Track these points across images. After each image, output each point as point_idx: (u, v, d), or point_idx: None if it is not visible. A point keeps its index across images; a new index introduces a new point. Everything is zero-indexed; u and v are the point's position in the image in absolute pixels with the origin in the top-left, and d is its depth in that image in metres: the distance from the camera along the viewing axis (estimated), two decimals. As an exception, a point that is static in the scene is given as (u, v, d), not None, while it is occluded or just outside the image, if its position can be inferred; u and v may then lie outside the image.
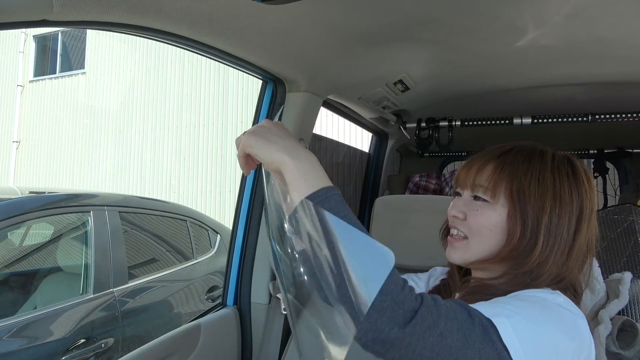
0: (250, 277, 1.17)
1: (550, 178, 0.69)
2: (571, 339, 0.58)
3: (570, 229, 0.68)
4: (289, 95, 1.14)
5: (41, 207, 2.08)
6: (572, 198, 0.69)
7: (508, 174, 0.70)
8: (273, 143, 0.62)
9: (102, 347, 1.99)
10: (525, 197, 0.68)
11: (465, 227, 0.73)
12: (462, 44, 1.02)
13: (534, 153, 0.72)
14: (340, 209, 0.56)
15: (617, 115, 1.49)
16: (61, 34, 9.02)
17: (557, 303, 0.61)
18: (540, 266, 0.66)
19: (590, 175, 0.74)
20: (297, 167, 0.60)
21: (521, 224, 0.68)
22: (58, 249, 2.30)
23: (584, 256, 0.71)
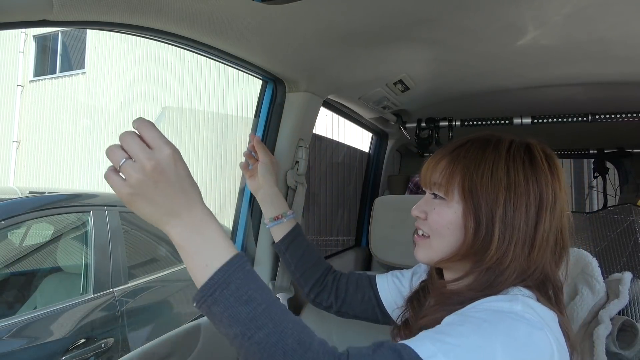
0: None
1: (504, 169, 0.66)
2: (524, 353, 0.54)
3: (529, 220, 0.64)
4: (289, 95, 1.14)
5: (41, 207, 2.08)
6: (529, 187, 0.65)
7: (461, 169, 0.68)
8: (156, 208, 0.54)
9: (102, 347, 1.99)
10: (478, 191, 0.66)
11: (427, 226, 0.72)
12: (462, 44, 1.02)
13: (489, 144, 0.69)
14: (243, 291, 0.53)
15: (617, 115, 1.49)
16: (61, 34, 9.02)
17: (513, 313, 0.57)
18: (501, 261, 0.64)
19: (554, 161, 0.70)
20: (184, 241, 0.55)
21: (475, 219, 0.65)
22: (58, 249, 2.30)
23: (553, 248, 0.67)
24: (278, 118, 1.15)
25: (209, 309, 0.54)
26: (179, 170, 0.54)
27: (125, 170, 0.52)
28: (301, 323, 0.55)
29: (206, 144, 7.47)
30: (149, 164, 0.52)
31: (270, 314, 0.53)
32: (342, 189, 2.46)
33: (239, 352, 0.54)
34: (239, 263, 0.55)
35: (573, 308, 1.22)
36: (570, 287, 1.30)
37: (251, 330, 0.52)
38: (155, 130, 0.54)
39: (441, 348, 0.53)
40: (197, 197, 0.57)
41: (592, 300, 1.21)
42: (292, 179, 1.16)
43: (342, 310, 1.00)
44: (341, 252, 1.91)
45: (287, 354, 0.51)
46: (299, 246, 1.01)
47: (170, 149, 0.54)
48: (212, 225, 0.56)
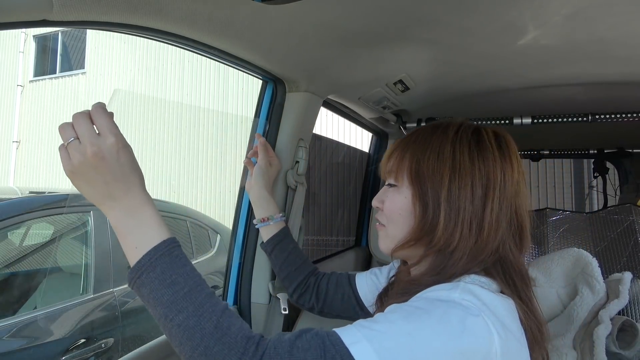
0: (250, 277, 1.17)
1: (449, 151, 0.66)
2: (457, 340, 0.52)
3: (475, 199, 0.64)
4: (289, 95, 1.14)
5: (41, 207, 2.08)
6: (474, 167, 0.65)
7: (409, 155, 0.69)
8: (94, 189, 0.58)
9: (102, 347, 1.99)
10: (424, 174, 0.66)
11: (383, 215, 0.73)
12: (462, 44, 1.02)
13: (437, 128, 0.70)
14: (168, 275, 0.56)
15: (617, 115, 1.49)
16: (61, 34, 9.02)
17: (449, 300, 0.56)
18: (449, 243, 0.63)
19: (506, 142, 0.69)
20: (118, 222, 0.58)
21: (422, 202, 0.66)
22: (58, 249, 2.30)
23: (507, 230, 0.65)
24: (278, 118, 1.15)
25: (138, 290, 0.57)
26: (120, 159, 0.57)
27: (70, 149, 0.56)
28: (222, 308, 0.56)
29: (206, 144, 7.47)
30: (90, 149, 0.55)
31: (191, 298, 0.55)
32: (342, 189, 2.46)
33: (165, 334, 0.57)
34: (167, 248, 0.57)
35: (573, 308, 1.22)
36: (570, 287, 1.31)
37: (172, 312, 0.54)
38: (105, 118, 0.57)
39: (366, 334, 0.53)
40: (137, 183, 0.59)
41: (592, 300, 1.21)
42: (292, 179, 1.16)
43: (325, 311, 1.01)
44: (341, 252, 1.91)
45: (204, 337, 0.53)
46: (284, 249, 1.03)
47: (114, 138, 0.56)
48: (148, 210, 0.59)
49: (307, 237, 2.14)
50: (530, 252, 2.04)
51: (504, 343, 0.54)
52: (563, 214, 2.04)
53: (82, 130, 0.55)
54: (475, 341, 0.53)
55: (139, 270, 0.56)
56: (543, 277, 1.34)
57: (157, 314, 0.56)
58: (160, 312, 0.55)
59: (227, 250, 1.26)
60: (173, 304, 0.55)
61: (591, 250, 1.75)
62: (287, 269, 1.03)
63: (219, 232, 3.19)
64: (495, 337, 0.53)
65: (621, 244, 1.75)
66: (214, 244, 3.11)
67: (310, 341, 0.53)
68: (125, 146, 0.58)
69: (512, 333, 0.56)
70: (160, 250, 0.57)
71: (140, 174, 0.61)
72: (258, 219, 1.05)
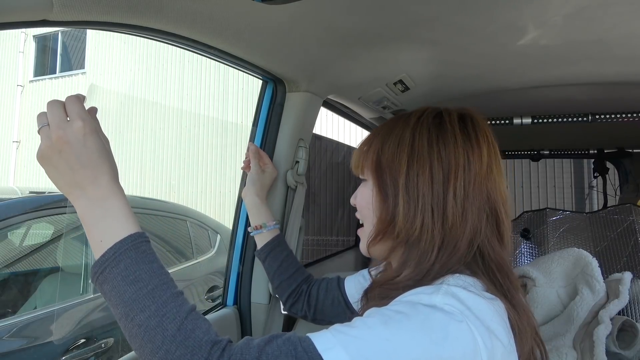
0: (250, 277, 1.17)
1: (409, 137, 0.64)
2: (439, 347, 0.49)
3: (435, 185, 0.60)
4: (289, 95, 1.14)
5: (41, 207, 2.08)
6: (433, 151, 0.61)
7: (373, 147, 0.67)
8: (60, 175, 0.56)
9: (102, 347, 1.99)
10: (384, 163, 0.64)
11: (358, 213, 0.71)
12: (462, 44, 1.02)
13: (400, 118, 0.68)
14: (131, 271, 0.53)
15: (617, 115, 1.49)
16: (61, 34, 9.02)
17: (431, 305, 0.52)
18: (412, 233, 0.60)
19: (474, 124, 0.65)
20: (84, 213, 0.56)
21: (382, 192, 0.64)
22: (58, 249, 2.30)
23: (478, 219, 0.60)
24: (278, 118, 1.15)
25: (100, 286, 0.54)
26: (87, 144, 0.55)
27: (40, 134, 0.56)
28: (188, 309, 0.53)
29: (206, 144, 7.47)
30: (55, 133, 0.54)
31: (154, 296, 0.52)
32: (342, 189, 2.46)
33: (125, 335, 0.54)
34: (134, 242, 0.54)
35: (573, 308, 1.22)
36: (570, 287, 1.31)
37: (134, 311, 0.52)
38: (76, 104, 0.56)
39: (342, 340, 0.49)
40: (106, 172, 0.57)
41: (592, 300, 1.21)
42: (292, 179, 1.16)
43: (317, 318, 0.98)
44: (341, 252, 1.91)
45: (165, 339, 0.50)
46: (277, 257, 1.02)
47: (81, 123, 0.55)
48: (116, 202, 0.56)
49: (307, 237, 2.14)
50: (530, 252, 2.04)
51: (489, 351, 0.50)
52: (563, 214, 2.04)
53: (51, 115, 0.55)
54: (459, 349, 0.49)
55: (102, 265, 0.53)
56: (543, 277, 1.34)
57: (119, 313, 0.53)
58: (122, 311, 0.52)
59: (227, 250, 1.26)
60: (135, 302, 0.52)
61: (591, 250, 1.75)
62: (279, 277, 1.01)
63: (219, 232, 3.19)
64: (480, 345, 0.50)
65: (621, 244, 1.75)
66: (214, 244, 3.11)
67: (281, 347, 0.50)
68: (93, 132, 0.56)
69: (499, 339, 0.53)
70: (125, 245, 0.54)
71: (112, 164, 0.58)
72: (252, 227, 1.05)
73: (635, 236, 1.73)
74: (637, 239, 1.72)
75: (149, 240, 0.57)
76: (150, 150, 7.60)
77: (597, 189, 4.25)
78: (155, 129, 7.75)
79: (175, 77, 7.78)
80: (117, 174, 0.59)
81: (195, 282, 2.79)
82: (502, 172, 0.65)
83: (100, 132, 0.58)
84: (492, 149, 0.65)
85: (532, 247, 2.03)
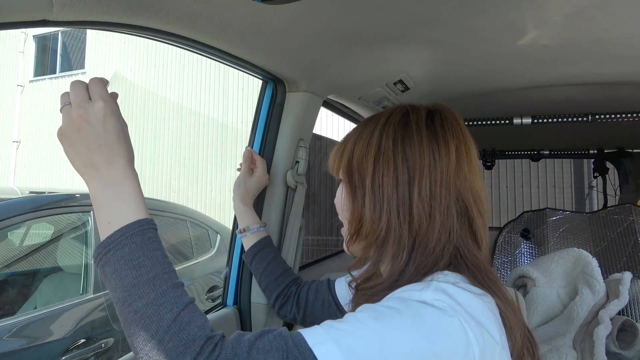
0: (250, 277, 1.17)
1: (377, 138, 0.63)
2: (430, 342, 0.49)
3: (400, 185, 0.60)
4: (289, 95, 1.14)
5: (41, 207, 2.08)
6: (397, 151, 0.61)
7: (346, 149, 0.67)
8: (77, 154, 0.56)
9: (102, 347, 1.99)
10: (353, 164, 0.64)
11: (339, 215, 0.71)
12: (462, 44, 1.02)
13: (372, 118, 0.68)
14: (135, 256, 0.53)
15: (617, 115, 1.49)
16: (61, 34, 9.03)
17: (421, 300, 0.52)
18: (378, 233, 0.60)
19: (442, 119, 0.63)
20: (96, 194, 0.56)
21: (352, 193, 0.64)
22: (58, 249, 2.30)
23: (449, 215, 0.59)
24: (278, 118, 1.15)
25: (102, 268, 0.54)
26: (107, 125, 0.56)
27: (62, 113, 0.57)
28: (186, 302, 0.53)
29: (206, 144, 7.48)
30: (76, 112, 0.55)
31: (154, 284, 0.52)
32: (342, 189, 2.46)
33: (120, 320, 0.53)
34: (141, 228, 0.54)
35: (573, 308, 1.22)
36: (570, 287, 1.31)
37: (132, 297, 0.51)
38: (99, 85, 0.57)
39: (333, 334, 0.49)
40: (123, 155, 0.57)
41: (592, 300, 1.21)
42: (292, 179, 1.16)
43: (307, 320, 0.98)
44: (341, 252, 1.91)
45: (160, 328, 0.50)
46: (263, 259, 1.03)
47: (102, 103, 0.56)
48: (129, 185, 0.56)
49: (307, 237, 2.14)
50: (530, 252, 2.04)
51: (481, 347, 0.50)
52: (563, 214, 2.04)
53: (74, 95, 0.56)
54: (451, 344, 0.49)
55: (107, 247, 0.53)
56: (543, 277, 1.34)
57: (117, 297, 0.52)
58: (120, 296, 0.52)
59: (227, 250, 1.26)
60: (134, 287, 0.51)
61: (591, 250, 1.75)
62: (266, 280, 1.02)
63: (219, 232, 3.19)
64: (472, 340, 0.50)
65: (621, 244, 1.75)
66: (214, 244, 3.11)
67: (272, 342, 0.50)
68: (114, 113, 0.57)
69: (491, 334, 0.52)
70: (132, 229, 0.54)
71: (129, 147, 0.58)
72: (237, 230, 1.07)
73: (635, 236, 1.73)
74: (637, 239, 1.72)
75: (156, 228, 0.57)
76: (150, 150, 7.61)
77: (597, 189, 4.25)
78: (155, 129, 7.76)
79: (176, 77, 7.78)
80: (133, 158, 0.59)
81: (195, 282, 2.79)
82: (474, 168, 0.63)
83: (120, 115, 0.58)
84: (463, 145, 0.63)
85: (532, 247, 2.04)
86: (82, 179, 0.57)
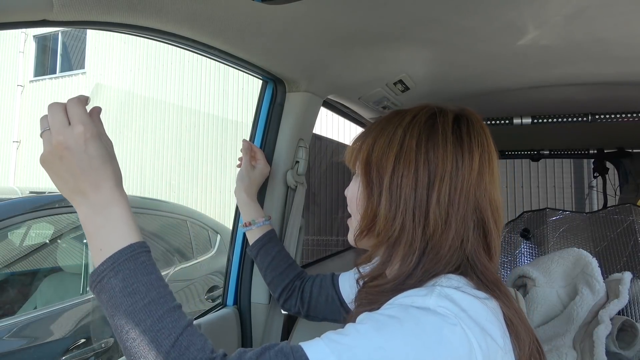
0: (250, 277, 1.17)
1: (400, 136, 0.62)
2: (432, 352, 0.48)
3: (419, 188, 0.59)
4: (289, 95, 1.14)
5: (41, 207, 2.08)
6: (420, 153, 0.60)
7: (367, 142, 0.66)
8: (62, 181, 0.55)
9: (102, 347, 1.99)
10: (373, 160, 0.63)
11: (348, 205, 0.71)
12: (462, 44, 1.02)
13: (396, 115, 0.67)
14: (129, 282, 0.52)
15: (617, 115, 1.49)
16: (61, 34, 9.02)
17: (424, 307, 0.51)
18: (390, 233, 0.60)
19: (468, 126, 0.63)
20: (86, 220, 0.55)
21: (368, 189, 0.63)
22: (58, 249, 2.30)
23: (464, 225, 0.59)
24: (278, 118, 1.15)
25: (98, 295, 0.53)
26: (89, 150, 0.54)
27: (42, 139, 0.55)
28: (184, 325, 0.52)
29: (206, 144, 7.48)
30: (56, 139, 0.53)
31: (150, 310, 0.51)
32: (342, 189, 2.46)
33: (121, 347, 0.53)
34: (133, 252, 0.53)
35: (573, 308, 1.22)
36: (570, 287, 1.31)
37: (129, 324, 0.50)
38: (77, 107, 0.55)
39: (335, 349, 0.49)
40: (109, 178, 0.55)
41: (592, 300, 1.21)
42: (292, 179, 1.16)
43: (310, 314, 0.98)
44: (341, 252, 1.91)
45: (159, 355, 0.49)
46: (268, 253, 1.02)
47: (82, 128, 0.53)
48: (117, 209, 0.55)
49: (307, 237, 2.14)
50: (530, 252, 2.04)
51: (485, 353, 0.49)
52: (563, 214, 2.04)
53: (52, 120, 0.54)
54: (453, 353, 0.48)
55: (100, 275, 0.52)
56: (543, 277, 1.34)
57: (114, 324, 0.52)
58: (117, 323, 0.51)
59: (227, 250, 1.26)
60: (130, 315, 0.51)
61: (591, 250, 1.75)
62: (271, 274, 1.01)
63: (219, 232, 3.19)
64: (475, 347, 0.49)
65: (621, 244, 1.75)
66: (214, 244, 3.11)
67: (274, 359, 0.50)
68: (95, 137, 0.55)
69: (495, 340, 0.52)
70: (124, 255, 0.53)
71: (115, 169, 0.57)
72: (242, 224, 1.05)
73: (635, 236, 1.73)
74: (637, 239, 1.72)
75: (149, 250, 0.56)
76: (150, 150, 7.61)
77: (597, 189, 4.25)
78: (155, 129, 7.76)
79: (176, 76, 7.78)
80: (120, 179, 0.58)
81: (195, 282, 2.79)
82: (495, 179, 0.62)
83: (103, 135, 0.57)
84: (487, 154, 0.62)
85: (532, 247, 2.04)
86: (72, 204, 0.56)
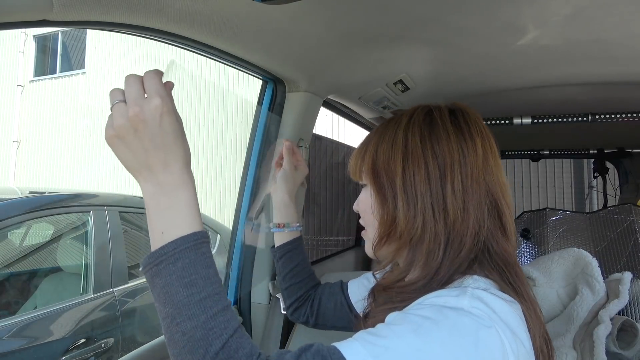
0: (250, 277, 1.17)
1: (402, 138, 0.63)
2: (470, 355, 0.48)
3: (432, 182, 0.60)
4: (289, 95, 1.14)
5: (41, 207, 2.08)
6: (426, 148, 0.61)
7: (368, 152, 0.67)
8: (133, 155, 0.52)
9: (102, 347, 1.99)
10: (379, 166, 0.64)
11: (362, 219, 0.71)
12: (462, 44, 1.02)
13: (393, 119, 0.67)
14: (188, 272, 0.50)
15: (617, 115, 1.49)
16: (61, 34, 9.02)
17: (459, 308, 0.51)
18: (414, 232, 0.60)
19: (464, 116, 0.64)
20: (150, 198, 0.52)
21: (381, 195, 0.63)
22: (58, 249, 2.30)
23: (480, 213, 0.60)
24: (278, 118, 1.15)
25: (152, 278, 0.51)
26: (164, 124, 0.52)
27: (114, 111, 0.52)
28: (235, 326, 0.51)
29: (206, 144, 7.48)
30: (132, 110, 0.51)
31: (205, 306, 0.49)
32: (342, 189, 2.46)
33: (164, 335, 0.51)
34: (196, 241, 0.52)
35: (573, 308, 1.22)
36: (570, 287, 1.31)
37: (181, 316, 0.49)
38: (155, 80, 0.53)
39: (372, 351, 0.48)
40: (180, 157, 0.54)
41: (592, 300, 1.21)
42: (292, 179, 1.16)
43: (319, 323, 0.97)
44: (341, 252, 1.91)
45: (207, 354, 0.48)
46: (293, 259, 1.00)
47: (159, 100, 0.52)
48: (185, 192, 0.53)
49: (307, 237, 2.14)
50: (530, 252, 2.04)
51: (516, 356, 0.50)
52: (563, 214, 2.04)
53: (129, 91, 0.52)
54: (489, 355, 0.48)
55: (159, 258, 0.50)
56: (543, 277, 1.34)
57: (165, 312, 0.50)
58: (168, 312, 0.50)
59: (227, 250, 1.26)
60: (185, 307, 0.49)
61: (591, 250, 1.75)
62: (290, 280, 0.99)
63: (218, 232, 3.19)
64: (508, 350, 0.50)
65: (621, 244, 1.75)
66: (214, 244, 3.11)
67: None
68: (171, 112, 0.53)
69: (522, 343, 0.52)
70: (187, 242, 0.51)
71: (186, 149, 0.55)
72: (274, 224, 1.02)
73: (635, 236, 1.73)
74: (637, 239, 1.72)
75: (209, 241, 0.54)
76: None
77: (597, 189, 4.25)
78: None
79: (176, 76, 7.77)
80: (189, 160, 0.56)
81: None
82: (499, 163, 0.64)
83: (176, 112, 0.55)
84: (487, 141, 0.64)
85: (532, 247, 2.04)
86: (136, 180, 0.53)
